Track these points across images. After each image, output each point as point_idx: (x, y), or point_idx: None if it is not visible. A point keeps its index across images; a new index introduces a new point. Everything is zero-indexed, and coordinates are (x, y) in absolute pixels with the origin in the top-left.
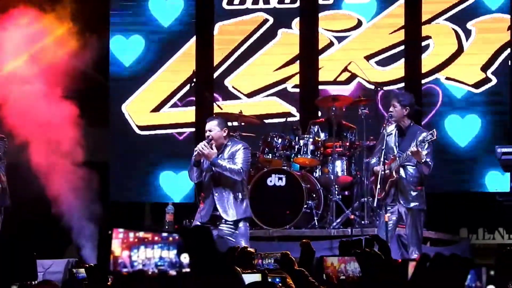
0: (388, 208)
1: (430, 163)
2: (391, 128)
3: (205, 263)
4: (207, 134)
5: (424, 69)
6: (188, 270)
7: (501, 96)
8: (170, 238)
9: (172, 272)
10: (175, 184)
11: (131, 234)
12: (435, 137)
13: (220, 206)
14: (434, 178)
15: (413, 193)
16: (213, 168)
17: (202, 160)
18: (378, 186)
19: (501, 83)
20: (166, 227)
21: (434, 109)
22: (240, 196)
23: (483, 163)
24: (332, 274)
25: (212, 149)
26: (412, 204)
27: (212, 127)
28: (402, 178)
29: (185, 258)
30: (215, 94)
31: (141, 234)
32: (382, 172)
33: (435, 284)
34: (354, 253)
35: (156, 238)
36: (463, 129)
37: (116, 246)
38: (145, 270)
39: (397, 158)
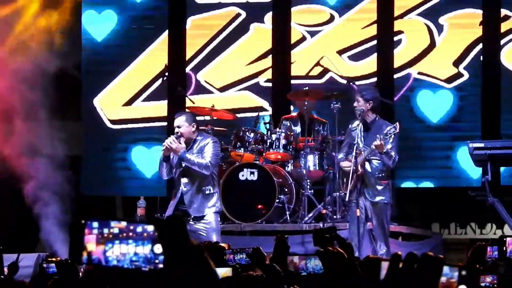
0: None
1: (392, 154)
2: (356, 123)
3: (178, 254)
4: (176, 130)
5: (396, 64)
6: (162, 265)
7: (473, 90)
8: (145, 234)
9: (146, 268)
10: (148, 174)
11: (106, 230)
12: (398, 130)
13: (187, 200)
14: (403, 172)
15: (379, 187)
16: (182, 163)
17: (171, 156)
18: (345, 181)
19: (472, 78)
20: (138, 221)
21: (406, 85)
22: (210, 191)
23: (454, 141)
24: (293, 271)
25: (180, 143)
26: (377, 199)
27: (181, 123)
28: (368, 172)
29: (158, 249)
30: (189, 72)
31: (115, 228)
32: (352, 167)
33: (409, 284)
34: (317, 251)
35: (131, 233)
36: (435, 105)
37: (90, 241)
38: (119, 266)
39: (362, 152)
